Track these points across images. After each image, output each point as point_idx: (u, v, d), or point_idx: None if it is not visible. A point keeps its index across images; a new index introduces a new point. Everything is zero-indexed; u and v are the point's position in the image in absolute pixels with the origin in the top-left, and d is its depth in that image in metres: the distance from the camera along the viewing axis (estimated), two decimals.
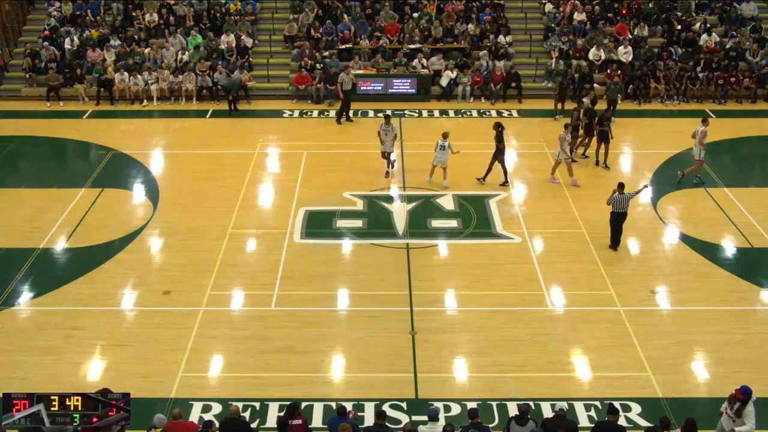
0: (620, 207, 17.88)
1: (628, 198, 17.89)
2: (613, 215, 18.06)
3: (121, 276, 17.47)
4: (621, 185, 17.91)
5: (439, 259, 18.40)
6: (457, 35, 30.23)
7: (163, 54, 29.04)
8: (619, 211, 17.94)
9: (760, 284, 17.28)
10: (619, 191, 17.85)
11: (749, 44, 29.83)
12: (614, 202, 17.88)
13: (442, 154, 21.32)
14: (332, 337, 15.49)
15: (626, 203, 17.88)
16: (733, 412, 11.96)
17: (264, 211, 20.56)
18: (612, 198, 17.92)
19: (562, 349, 15.14)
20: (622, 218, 18.05)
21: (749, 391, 11.91)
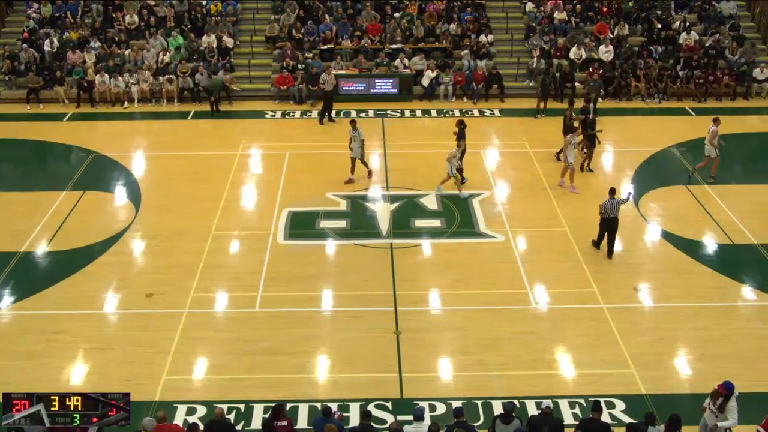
0: (612, 212, 17.71)
1: (618, 203, 17.76)
2: (604, 221, 17.85)
3: (104, 279, 17.37)
4: (612, 190, 17.81)
5: (422, 258, 18.42)
6: (438, 35, 30.28)
7: (143, 55, 28.89)
8: (610, 216, 17.75)
9: (741, 280, 17.42)
10: (610, 196, 17.72)
11: (728, 42, 30.06)
12: (605, 208, 17.71)
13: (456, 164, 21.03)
14: (317, 337, 15.46)
15: (617, 208, 17.73)
16: (716, 407, 12.05)
17: (247, 213, 20.51)
18: (603, 204, 17.73)
19: (546, 347, 15.19)
20: (613, 223, 17.83)
21: (732, 386, 12.00)
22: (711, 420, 12.12)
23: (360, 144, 21.44)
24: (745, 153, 24.45)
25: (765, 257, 18.28)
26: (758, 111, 27.83)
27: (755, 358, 14.84)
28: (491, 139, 25.37)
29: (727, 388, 11.99)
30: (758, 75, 28.84)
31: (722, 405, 11.97)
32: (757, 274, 17.69)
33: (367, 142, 24.42)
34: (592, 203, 20.56)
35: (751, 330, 15.72)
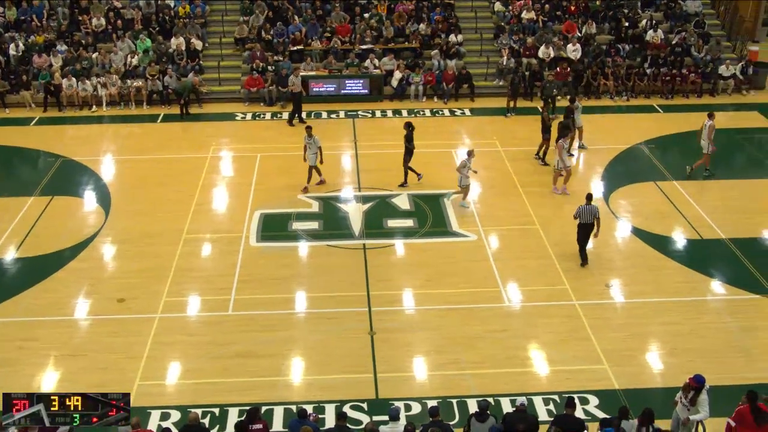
0: (587, 218, 17.43)
1: (596, 209, 17.48)
2: (580, 226, 17.61)
3: (74, 285, 17.19)
4: (589, 196, 17.65)
5: (395, 258, 18.45)
6: (408, 35, 30.33)
7: (111, 58, 28.62)
8: (585, 222, 17.49)
9: (710, 275, 17.65)
10: (587, 202, 17.51)
11: (694, 40, 30.44)
12: (580, 213, 17.47)
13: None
14: (291, 339, 15.43)
15: (592, 215, 17.43)
16: (687, 400, 12.19)
17: (219, 215, 20.40)
18: (579, 209, 17.49)
19: (520, 344, 15.29)
20: (589, 229, 17.57)
21: (702, 379, 12.15)
22: (683, 413, 12.26)
23: (315, 151, 21.01)
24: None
25: (733, 252, 18.54)
26: (724, 107, 28.16)
27: (725, 351, 15.05)
28: (462, 138, 25.47)
29: (698, 381, 12.14)
30: (724, 72, 29.23)
31: (693, 398, 12.12)
32: (726, 268, 17.94)
33: (339, 143, 24.55)
34: (563, 201, 20.82)
35: (721, 324, 15.94)
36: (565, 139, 21.02)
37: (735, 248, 18.66)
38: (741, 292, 17.02)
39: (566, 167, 20.91)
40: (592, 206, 17.42)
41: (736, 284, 17.30)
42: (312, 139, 20.95)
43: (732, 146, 24.81)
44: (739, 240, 18.99)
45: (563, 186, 21.09)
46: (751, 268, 17.83)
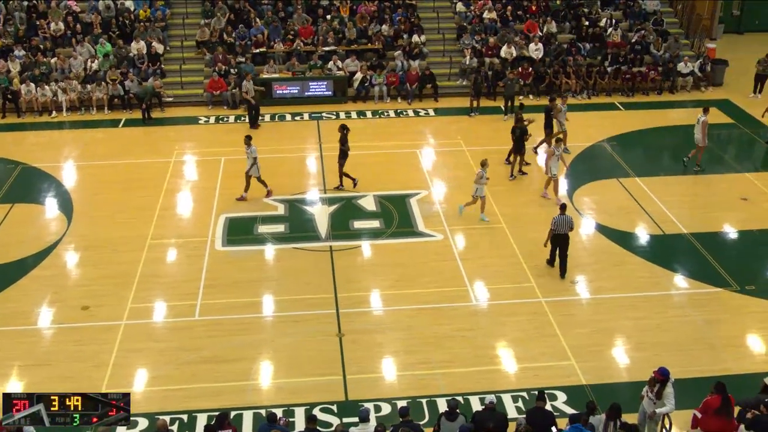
0: (562, 228, 17.09)
1: (570, 219, 17.19)
2: (555, 237, 17.22)
3: (37, 293, 16.93)
4: (563, 206, 17.35)
5: (363, 260, 18.44)
6: (370, 36, 30.34)
7: (71, 63, 28.23)
8: (560, 232, 17.12)
9: (673, 269, 17.91)
10: (561, 212, 17.17)
11: (653, 38, 30.85)
12: (556, 224, 17.07)
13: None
14: (259, 343, 15.35)
15: (567, 225, 17.10)
16: (653, 394, 12.35)
17: (183, 220, 20.23)
18: (554, 220, 17.12)
19: (488, 342, 15.38)
20: (564, 240, 17.20)
21: (667, 372, 12.32)
22: (649, 407, 12.41)
23: (252, 161, 20.51)
24: (672, 145, 25.10)
25: (695, 246, 18.82)
26: (683, 104, 28.64)
27: (690, 344, 15.28)
28: (426, 138, 25.54)
29: (662, 373, 12.30)
30: (682, 69, 29.66)
31: (659, 391, 12.27)
32: (688, 262, 18.21)
33: (304, 145, 24.49)
34: (528, 199, 20.98)
35: (685, 318, 16.17)
36: (557, 145, 20.52)
37: (697, 243, 18.95)
38: (704, 286, 17.29)
39: (553, 175, 20.55)
40: (567, 216, 17.16)
41: (699, 278, 17.56)
42: (250, 149, 20.49)
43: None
44: (700, 234, 19.29)
45: (556, 196, 20.64)
46: (713, 262, 18.11)
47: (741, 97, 29.05)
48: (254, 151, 20.54)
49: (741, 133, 26.10)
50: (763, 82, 29.18)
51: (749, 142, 25.61)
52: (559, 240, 17.22)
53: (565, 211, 17.22)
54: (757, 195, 21.46)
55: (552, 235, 17.18)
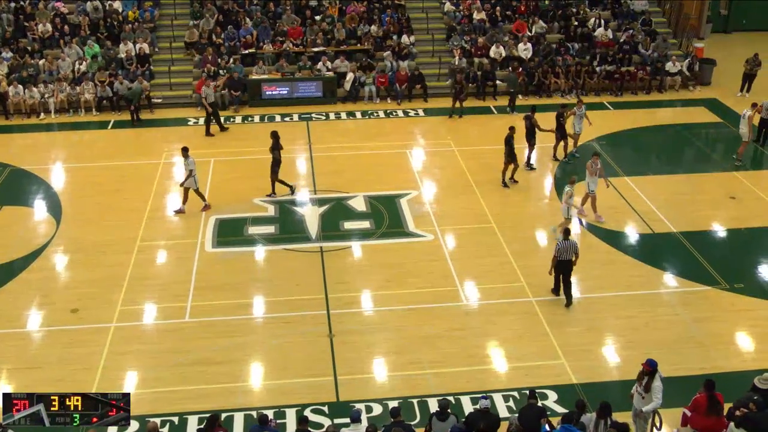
0: (566, 254, 16.16)
1: (575, 245, 16.24)
2: (559, 264, 16.31)
3: (26, 296, 16.86)
4: (567, 231, 16.38)
5: (353, 260, 18.44)
6: (360, 37, 30.34)
7: (59, 65, 28.13)
8: (564, 258, 16.20)
9: (662, 268, 17.98)
10: (564, 237, 16.23)
11: (641, 38, 30.97)
12: (560, 250, 16.17)
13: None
14: (249, 345, 15.33)
15: (571, 251, 16.16)
16: (642, 387, 12.40)
17: (173, 222, 20.16)
18: (558, 246, 16.26)
19: (479, 342, 15.39)
20: (568, 267, 16.30)
21: (655, 363, 12.38)
22: (639, 403, 12.46)
23: (189, 174, 19.92)
24: (661, 144, 25.20)
25: (683, 245, 18.90)
26: (671, 103, 28.78)
27: (679, 343, 15.34)
28: (416, 138, 25.56)
29: (650, 364, 12.37)
30: (670, 68, 29.78)
31: (648, 384, 12.33)
32: (677, 261, 18.28)
33: (293, 146, 24.45)
34: (518, 199, 21.02)
35: (674, 316, 16.23)
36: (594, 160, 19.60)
37: (686, 241, 19.03)
38: (693, 285, 17.36)
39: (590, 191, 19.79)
40: (572, 242, 16.24)
41: (688, 277, 17.64)
42: (187, 161, 19.92)
43: (680, 141, 25.27)
44: (689, 233, 19.37)
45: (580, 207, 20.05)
46: (702, 261, 18.19)
47: (729, 96, 29.19)
48: (192, 163, 19.92)
49: (729, 132, 26.20)
50: (750, 81, 29.33)
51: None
52: (563, 266, 16.34)
53: (569, 236, 16.32)
54: (745, 193, 21.56)
55: (555, 261, 16.38)
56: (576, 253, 16.20)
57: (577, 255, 16.24)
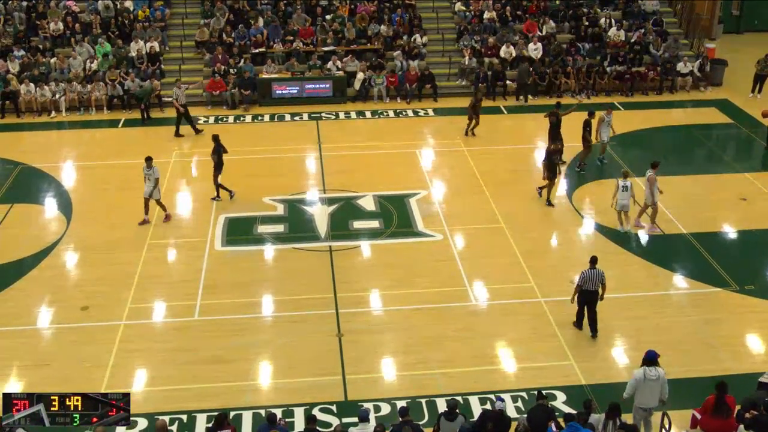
0: (590, 284, 15.10)
1: (601, 274, 15.11)
2: (582, 293, 15.26)
3: (36, 293, 16.93)
4: (594, 260, 15.23)
5: (362, 260, 18.44)
6: (370, 36, 30.34)
7: (70, 63, 28.24)
8: (589, 289, 15.13)
9: (672, 269, 17.91)
10: (591, 266, 15.15)
11: (652, 38, 30.86)
12: (584, 279, 15.10)
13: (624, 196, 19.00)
14: (258, 344, 15.35)
15: (597, 280, 15.10)
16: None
17: (183, 220, 20.22)
18: (582, 275, 15.18)
19: (487, 342, 15.37)
20: (593, 297, 15.23)
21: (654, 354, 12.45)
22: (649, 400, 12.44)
23: (154, 183, 19.41)
24: (672, 145, 25.11)
25: (694, 246, 18.82)
26: (682, 104, 28.67)
27: (689, 344, 15.28)
28: (426, 138, 25.54)
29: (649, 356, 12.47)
30: (682, 69, 29.67)
31: None
32: (687, 262, 18.21)
33: (303, 146, 24.47)
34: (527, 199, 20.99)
35: (684, 317, 16.17)
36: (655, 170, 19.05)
37: (696, 242, 18.95)
38: (703, 286, 17.29)
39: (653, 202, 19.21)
40: (597, 270, 15.09)
41: (698, 278, 17.57)
42: (151, 169, 19.40)
43: (691, 142, 25.17)
44: (699, 234, 19.29)
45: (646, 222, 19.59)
46: (712, 262, 18.12)
47: (740, 97, 29.06)
48: (156, 172, 19.51)
49: (740, 133, 26.10)
50: (762, 82, 29.20)
51: (748, 142, 25.61)
52: (586, 296, 15.21)
53: (596, 265, 15.20)
54: (756, 195, 21.46)
55: (579, 290, 15.32)
56: (603, 283, 15.11)
57: (604, 286, 15.15)
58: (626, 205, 19.01)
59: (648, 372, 12.36)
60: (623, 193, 18.95)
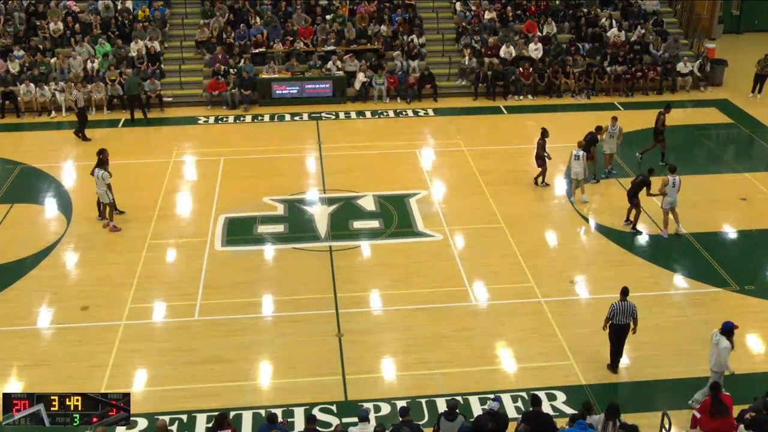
0: (622, 318, 14.10)
1: (632, 307, 14.08)
2: (613, 328, 14.25)
3: (36, 293, 16.93)
4: (625, 291, 14.22)
5: (362, 260, 18.44)
6: (370, 36, 30.33)
7: (70, 63, 28.23)
8: (620, 323, 14.14)
9: (672, 269, 17.92)
10: (622, 298, 14.15)
11: (652, 38, 30.86)
12: (614, 312, 14.08)
13: (577, 164, 20.21)
14: (258, 344, 15.35)
15: (628, 313, 14.08)
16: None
17: (183, 220, 20.22)
18: (612, 307, 14.14)
19: (487, 342, 15.37)
20: (624, 331, 14.24)
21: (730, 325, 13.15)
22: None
23: (106, 187, 19.13)
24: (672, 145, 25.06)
25: (694, 246, 18.81)
26: (683, 104, 28.63)
27: (689, 344, 15.26)
28: (426, 138, 25.54)
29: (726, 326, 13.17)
30: (682, 69, 29.66)
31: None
32: (688, 262, 18.21)
33: (303, 145, 24.49)
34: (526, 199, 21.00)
35: (684, 317, 16.17)
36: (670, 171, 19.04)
37: (696, 243, 18.94)
38: (703, 286, 17.29)
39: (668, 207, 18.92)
40: (628, 303, 14.11)
41: (698, 278, 17.57)
42: (103, 173, 19.16)
43: (691, 142, 25.16)
44: (699, 234, 19.29)
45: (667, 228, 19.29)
46: (712, 262, 18.12)
47: (740, 97, 29.06)
48: (106, 177, 19.14)
49: (740, 133, 26.10)
50: (762, 82, 29.19)
51: (748, 142, 25.61)
52: (617, 331, 14.22)
53: (627, 297, 14.20)
54: (756, 195, 21.46)
55: (608, 324, 14.29)
56: (634, 317, 14.10)
57: (635, 320, 14.14)
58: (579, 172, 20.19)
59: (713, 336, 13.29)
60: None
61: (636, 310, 14.17)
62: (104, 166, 19.36)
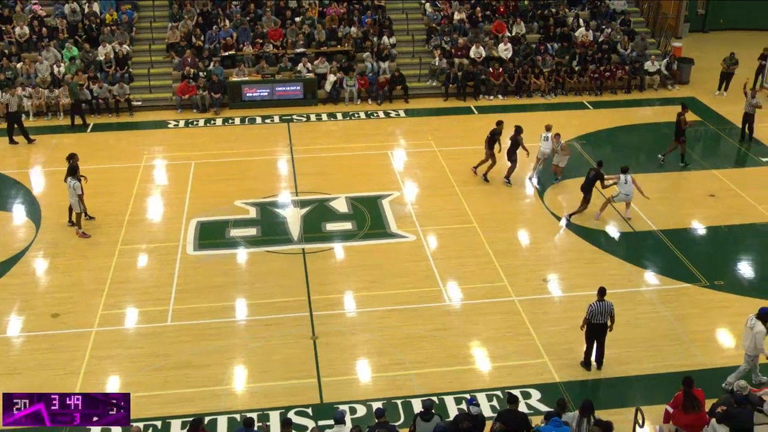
0: (600, 317, 14.29)
1: (610, 306, 14.30)
2: (591, 327, 14.44)
3: (5, 301, 16.70)
4: (602, 291, 14.41)
5: (335, 262, 18.42)
6: (340, 38, 30.31)
7: (36, 68, 27.89)
8: (597, 322, 14.33)
9: (643, 266, 18.09)
10: (599, 298, 14.35)
11: (620, 37, 31.16)
12: (592, 312, 14.29)
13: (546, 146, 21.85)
14: (232, 348, 15.27)
15: (606, 313, 14.30)
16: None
17: (154, 225, 20.06)
18: (590, 307, 14.34)
19: (461, 342, 15.42)
20: (601, 330, 14.43)
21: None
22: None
23: (78, 196, 18.90)
24: (640, 143, 25.36)
25: (664, 243, 19.03)
26: (651, 102, 28.98)
27: (660, 340, 15.44)
28: (397, 139, 25.57)
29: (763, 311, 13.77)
30: (649, 67, 29.99)
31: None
32: (658, 259, 18.41)
33: (275, 148, 24.40)
34: (499, 199, 21.09)
35: (655, 314, 16.34)
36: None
37: (666, 239, 19.16)
38: (673, 282, 17.49)
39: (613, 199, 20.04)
40: (606, 303, 14.30)
41: (668, 274, 17.77)
42: (75, 181, 18.93)
43: (660, 140, 25.40)
44: (669, 231, 19.51)
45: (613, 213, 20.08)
46: (682, 258, 18.33)
47: (707, 95, 29.43)
48: (78, 189, 18.89)
49: (707, 130, 26.43)
50: (728, 80, 29.56)
51: (715, 139, 25.94)
52: (595, 330, 14.42)
53: (604, 297, 14.39)
54: (724, 191, 21.74)
55: (587, 324, 14.45)
56: (611, 315, 14.32)
57: (612, 318, 14.35)
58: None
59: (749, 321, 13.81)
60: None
61: (613, 309, 14.33)
62: (76, 174, 19.13)
